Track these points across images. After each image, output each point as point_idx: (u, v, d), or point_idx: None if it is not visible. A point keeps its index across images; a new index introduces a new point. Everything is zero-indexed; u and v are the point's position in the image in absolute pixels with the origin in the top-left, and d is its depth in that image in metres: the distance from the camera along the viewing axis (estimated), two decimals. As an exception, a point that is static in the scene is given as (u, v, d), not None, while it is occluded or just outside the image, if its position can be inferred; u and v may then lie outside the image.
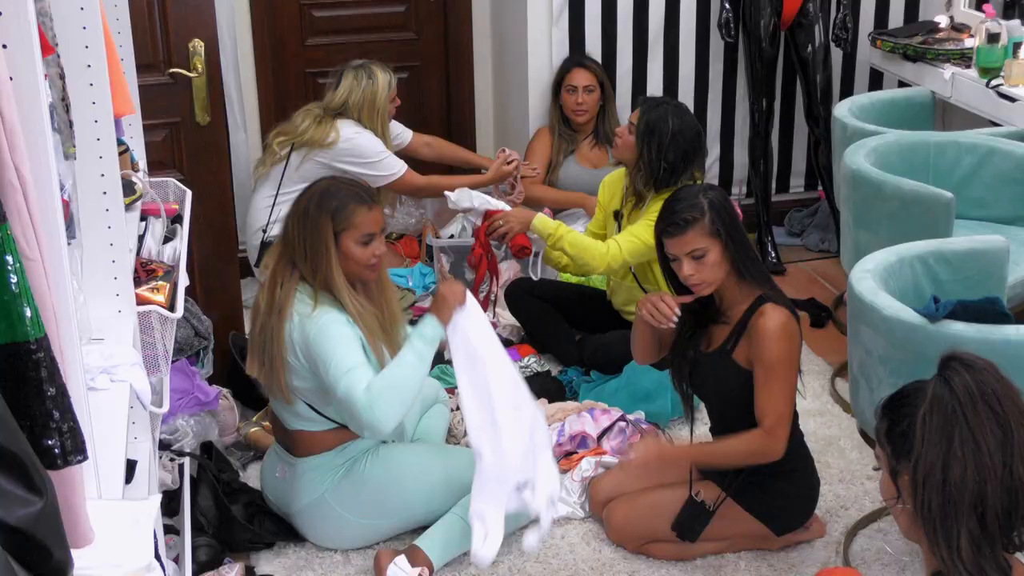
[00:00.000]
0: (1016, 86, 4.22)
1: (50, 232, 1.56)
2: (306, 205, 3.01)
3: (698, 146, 3.81)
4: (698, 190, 2.97)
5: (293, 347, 2.97)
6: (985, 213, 4.01)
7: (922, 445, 1.84)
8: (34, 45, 1.53)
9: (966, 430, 1.81)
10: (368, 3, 5.42)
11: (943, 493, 1.81)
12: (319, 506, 3.10)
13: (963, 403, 1.83)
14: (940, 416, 1.83)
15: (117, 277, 2.33)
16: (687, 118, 3.82)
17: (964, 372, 1.85)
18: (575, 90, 4.79)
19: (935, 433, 1.83)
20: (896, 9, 5.27)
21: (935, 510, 1.82)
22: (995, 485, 1.80)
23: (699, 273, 2.90)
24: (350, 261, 3.00)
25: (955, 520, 1.81)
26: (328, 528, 3.14)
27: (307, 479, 3.10)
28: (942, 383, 1.86)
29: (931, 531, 1.84)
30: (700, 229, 2.88)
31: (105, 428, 1.93)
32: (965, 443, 1.81)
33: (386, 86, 4.46)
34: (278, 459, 3.19)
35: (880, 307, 2.81)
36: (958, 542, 1.80)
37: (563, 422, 3.50)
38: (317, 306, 2.96)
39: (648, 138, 3.75)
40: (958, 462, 1.81)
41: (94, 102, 2.22)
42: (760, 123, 5.07)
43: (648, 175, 3.79)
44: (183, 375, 3.39)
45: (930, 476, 1.82)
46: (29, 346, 1.31)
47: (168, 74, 3.58)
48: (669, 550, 3.11)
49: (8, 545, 1.17)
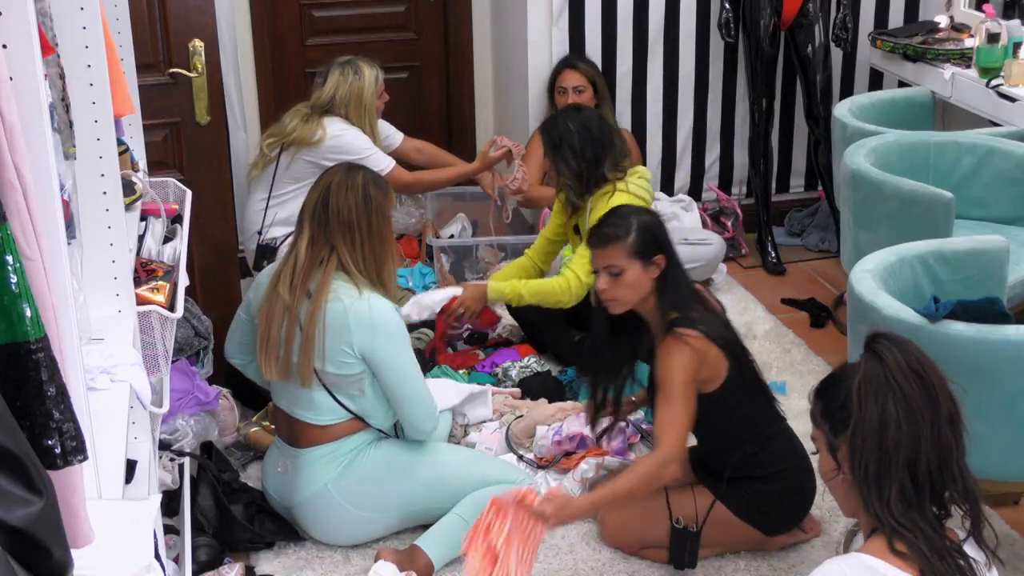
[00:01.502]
0: (1016, 86, 4.22)
1: (50, 232, 1.56)
2: (364, 184, 3.01)
3: (606, 129, 3.85)
4: (633, 211, 3.01)
5: (342, 336, 2.94)
6: (985, 213, 4.01)
7: (860, 412, 2.00)
8: (34, 45, 1.53)
9: (899, 393, 1.99)
10: (368, 3, 5.43)
11: (880, 451, 1.98)
12: (321, 498, 3.10)
13: (894, 371, 2.00)
14: (874, 384, 2.01)
15: (117, 277, 2.33)
16: (584, 112, 3.89)
17: (892, 346, 2.04)
18: (565, 92, 4.80)
19: (870, 398, 2.00)
20: (896, 9, 5.27)
21: (871, 469, 1.99)
22: (927, 443, 1.98)
23: (612, 289, 2.94)
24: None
25: (889, 477, 1.98)
26: (329, 521, 3.14)
27: (310, 470, 3.09)
28: (873, 357, 2.03)
29: (865, 490, 2.00)
30: (620, 248, 2.91)
31: (105, 428, 1.93)
32: (899, 404, 1.98)
33: (373, 81, 4.43)
34: (280, 454, 3.19)
35: (880, 307, 2.81)
36: (889, 495, 1.97)
37: (562, 422, 3.50)
38: (361, 291, 2.95)
39: (558, 152, 3.80)
40: (894, 422, 1.98)
41: (94, 102, 2.22)
42: (760, 123, 5.07)
43: (576, 182, 3.81)
44: (183, 375, 3.38)
45: (868, 438, 1.99)
46: (29, 346, 1.31)
47: (168, 74, 3.58)
48: (663, 555, 3.10)
49: (8, 545, 1.17)
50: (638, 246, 2.91)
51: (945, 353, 2.70)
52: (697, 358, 2.86)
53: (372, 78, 4.44)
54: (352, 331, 2.94)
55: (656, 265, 2.92)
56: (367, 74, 4.42)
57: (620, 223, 2.94)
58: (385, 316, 2.97)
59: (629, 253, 2.91)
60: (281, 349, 3.01)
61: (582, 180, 3.79)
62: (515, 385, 3.91)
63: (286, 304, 2.99)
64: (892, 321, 2.77)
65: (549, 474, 3.42)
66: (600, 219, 3.03)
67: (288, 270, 3.02)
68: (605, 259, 2.93)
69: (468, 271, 4.68)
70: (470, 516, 3.08)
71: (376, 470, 3.10)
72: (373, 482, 3.10)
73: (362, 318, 2.94)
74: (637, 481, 2.84)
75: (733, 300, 4.53)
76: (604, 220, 3.00)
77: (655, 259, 2.92)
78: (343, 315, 2.94)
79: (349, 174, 3.05)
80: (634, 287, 2.92)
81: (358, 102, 4.41)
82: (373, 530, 3.18)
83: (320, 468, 3.09)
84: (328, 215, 2.98)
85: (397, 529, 3.22)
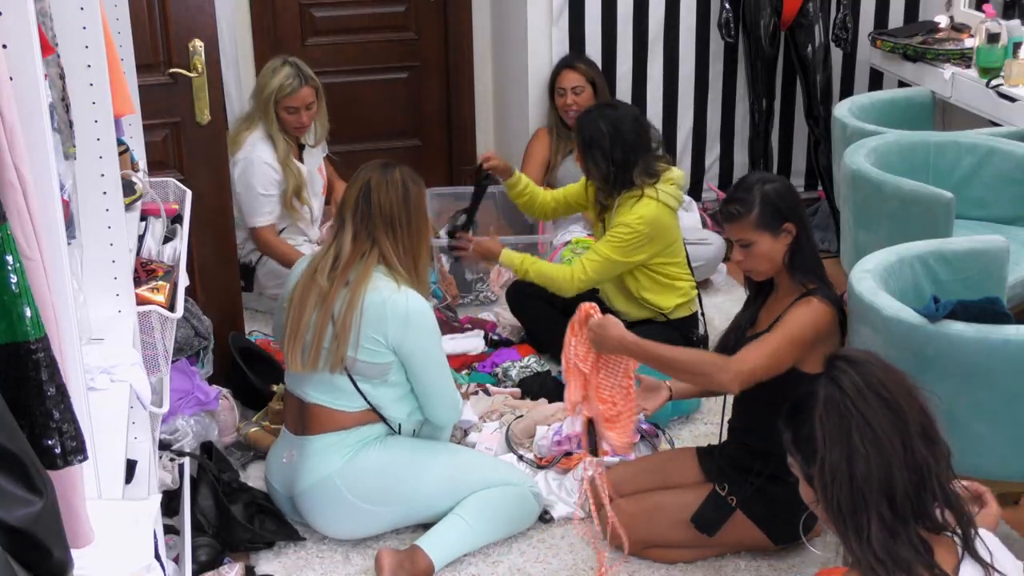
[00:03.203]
0: (1016, 86, 4.22)
1: (50, 232, 1.56)
2: (403, 180, 3.08)
3: (640, 132, 3.82)
4: (758, 180, 2.97)
5: (377, 326, 3.01)
6: (985, 213, 4.01)
7: (824, 447, 1.89)
8: (34, 45, 1.53)
9: (862, 422, 1.88)
10: (368, 3, 5.43)
11: (851, 488, 1.87)
12: (326, 486, 3.10)
13: (853, 398, 1.89)
14: (835, 415, 1.90)
15: (117, 277, 2.33)
16: (620, 112, 3.85)
17: (848, 368, 1.93)
18: (564, 92, 4.80)
19: (834, 432, 1.89)
20: (896, 9, 5.27)
21: (845, 505, 1.88)
22: (899, 466, 1.86)
23: (747, 261, 2.96)
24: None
25: (865, 510, 1.86)
26: (331, 511, 3.13)
27: (317, 458, 3.10)
28: (830, 384, 1.92)
29: (841, 526, 1.90)
30: (746, 222, 2.90)
31: (105, 428, 1.93)
32: (864, 435, 1.87)
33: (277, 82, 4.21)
34: (285, 446, 3.21)
35: (880, 307, 2.81)
36: (868, 531, 1.85)
37: (562, 422, 3.50)
38: (400, 284, 3.04)
39: (589, 152, 3.79)
40: (860, 456, 1.87)
41: (94, 102, 2.22)
42: (760, 123, 5.07)
43: (604, 183, 3.81)
44: (183, 375, 3.39)
45: (836, 474, 1.88)
46: (29, 346, 1.31)
47: (168, 74, 3.58)
48: (666, 555, 3.11)
49: (8, 545, 1.17)
50: (764, 219, 2.90)
51: (945, 353, 2.71)
52: (825, 329, 2.87)
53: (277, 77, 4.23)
54: (388, 322, 3.02)
55: (787, 232, 2.91)
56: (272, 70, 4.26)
57: (744, 197, 2.92)
58: (420, 311, 3.06)
59: (756, 226, 2.90)
60: (310, 335, 3.06)
61: (609, 182, 3.79)
62: (515, 385, 3.92)
63: (323, 292, 3.05)
64: (892, 321, 2.77)
65: (549, 474, 3.42)
66: (729, 191, 3.02)
67: (328, 261, 3.08)
68: (734, 233, 2.94)
69: (468, 271, 4.68)
70: (471, 518, 3.09)
71: (382, 463, 3.11)
72: (378, 475, 3.10)
73: (399, 311, 3.02)
74: (687, 357, 2.86)
75: (733, 300, 4.53)
76: (730, 193, 2.99)
77: (784, 227, 2.90)
78: (381, 306, 3.01)
79: (387, 170, 3.12)
80: (767, 257, 2.92)
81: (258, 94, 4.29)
82: (373, 524, 3.18)
83: (327, 456, 3.10)
84: (371, 209, 3.06)
85: (397, 526, 3.22)
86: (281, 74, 4.25)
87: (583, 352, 2.87)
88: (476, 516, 3.10)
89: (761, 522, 3.03)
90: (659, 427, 3.64)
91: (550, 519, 3.29)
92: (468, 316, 4.44)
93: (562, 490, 3.36)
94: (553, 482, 3.39)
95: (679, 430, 3.77)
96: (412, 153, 5.61)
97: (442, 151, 5.74)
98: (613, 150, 3.73)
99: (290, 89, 4.24)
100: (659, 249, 3.83)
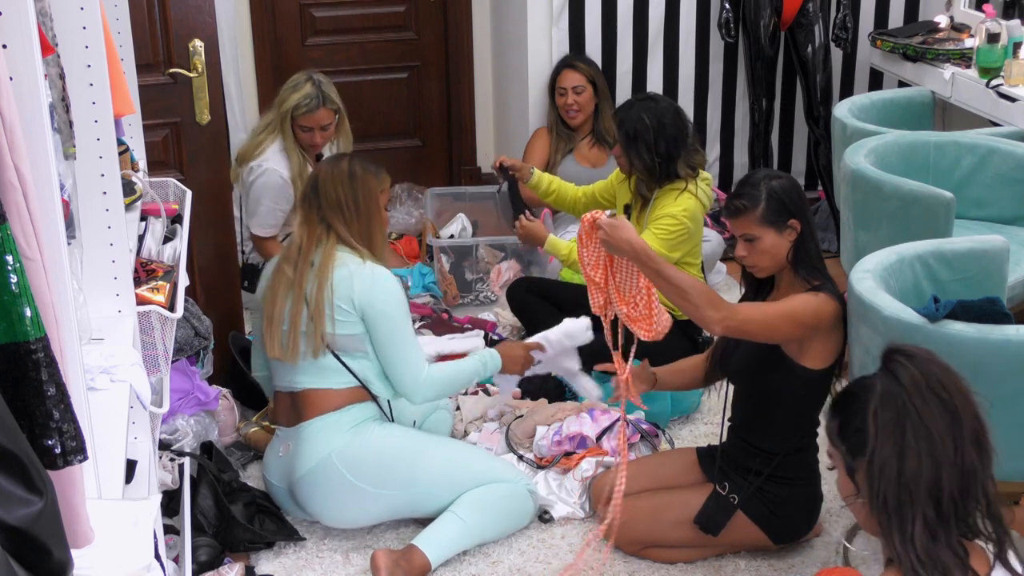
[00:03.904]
0: (1016, 86, 4.22)
1: (50, 232, 1.56)
2: (350, 167, 3.19)
3: (681, 125, 3.86)
4: (765, 176, 2.97)
5: (345, 294, 3.08)
6: (985, 213, 4.01)
7: (875, 440, 1.87)
8: (34, 45, 1.53)
9: (917, 420, 1.85)
10: (368, 3, 5.43)
11: (898, 484, 1.84)
12: (324, 468, 3.11)
13: (911, 394, 1.87)
14: (891, 409, 1.87)
15: (117, 277, 2.33)
16: (661, 105, 3.87)
17: (908, 363, 1.90)
18: (565, 92, 4.81)
19: (887, 427, 1.86)
20: (896, 9, 5.27)
21: (891, 502, 1.85)
22: (949, 470, 1.84)
23: (750, 256, 2.96)
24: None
25: (910, 509, 1.84)
26: (330, 494, 3.13)
27: (314, 441, 3.13)
28: (889, 377, 1.90)
29: (885, 522, 1.87)
30: (752, 217, 2.90)
31: (105, 428, 1.93)
32: (918, 433, 1.85)
33: (296, 99, 4.13)
34: (281, 440, 3.25)
35: (880, 307, 2.81)
36: (912, 530, 1.83)
37: (562, 422, 3.50)
38: (365, 260, 3.13)
39: (634, 145, 3.81)
40: (912, 453, 1.84)
41: (94, 102, 2.22)
42: (760, 123, 5.07)
43: (649, 177, 3.84)
44: (183, 375, 3.39)
45: (885, 469, 1.85)
46: (29, 346, 1.31)
47: (168, 74, 3.58)
48: (666, 555, 3.11)
49: (8, 545, 1.17)
50: (769, 215, 2.90)
51: (945, 353, 2.69)
52: (827, 321, 2.87)
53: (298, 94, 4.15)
54: (355, 288, 3.09)
55: (792, 229, 2.91)
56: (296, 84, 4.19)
57: (751, 192, 2.92)
58: (386, 277, 3.14)
59: (761, 222, 2.90)
60: (287, 324, 3.12)
61: (654, 175, 3.83)
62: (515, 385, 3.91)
63: (290, 280, 3.13)
64: (892, 321, 2.77)
65: (549, 474, 3.42)
66: (735, 186, 3.02)
67: (292, 251, 3.18)
68: (739, 228, 2.94)
69: (468, 271, 4.68)
70: (467, 515, 3.09)
71: (382, 446, 3.13)
72: (378, 455, 3.12)
73: (364, 278, 3.11)
74: (689, 282, 2.80)
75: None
76: (736, 188, 2.99)
77: (790, 223, 2.91)
78: (348, 277, 3.10)
79: (336, 161, 3.25)
80: (771, 253, 2.93)
81: (277, 107, 4.21)
82: (372, 509, 3.17)
83: (324, 436, 3.12)
84: (319, 199, 3.17)
85: (395, 515, 3.22)
86: (301, 92, 4.16)
87: (592, 260, 2.82)
88: (472, 514, 3.11)
89: (761, 522, 3.03)
90: (659, 427, 3.63)
91: (550, 519, 3.29)
92: (468, 316, 4.44)
93: (562, 490, 3.36)
94: (553, 482, 3.39)
95: (679, 430, 3.77)
96: (412, 153, 5.62)
97: (442, 151, 5.74)
98: (657, 143, 3.78)
99: (306, 109, 4.15)
100: (691, 248, 3.90)
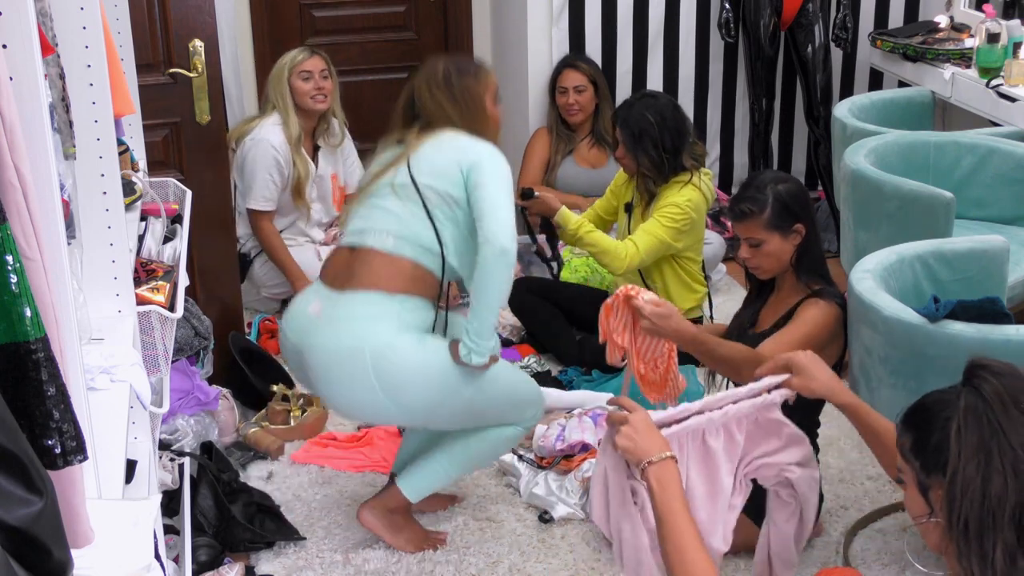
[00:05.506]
0: (1016, 86, 4.22)
1: (50, 232, 1.56)
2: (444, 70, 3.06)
3: (681, 118, 3.90)
4: (770, 179, 2.98)
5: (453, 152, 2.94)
6: (985, 213, 4.02)
7: (959, 459, 1.76)
8: (34, 45, 1.53)
9: (1004, 440, 1.75)
10: (368, 3, 5.43)
11: (982, 507, 1.74)
12: (352, 357, 2.87)
13: (996, 411, 1.76)
14: (976, 428, 1.76)
15: (117, 277, 2.33)
16: (660, 101, 3.90)
17: (992, 379, 1.79)
18: (566, 92, 4.81)
19: (972, 446, 1.76)
20: (896, 9, 5.27)
21: (972, 525, 1.75)
22: None
23: (754, 259, 2.97)
24: None
25: (992, 533, 1.74)
26: (345, 383, 2.92)
27: (353, 323, 2.89)
28: (973, 392, 1.79)
29: (964, 545, 1.76)
30: (758, 222, 2.91)
31: (105, 428, 1.93)
32: (1004, 454, 1.74)
33: (290, 55, 4.41)
34: (316, 295, 3.01)
35: (880, 307, 2.81)
36: (993, 555, 1.73)
37: (563, 427, 3.50)
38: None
39: (640, 144, 3.83)
40: (998, 474, 1.74)
41: (94, 102, 2.22)
42: (760, 123, 5.07)
43: (657, 173, 3.87)
44: (183, 375, 3.39)
45: (968, 490, 1.75)
46: (29, 346, 1.31)
47: (168, 74, 3.58)
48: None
49: (8, 545, 1.17)
50: (775, 219, 2.91)
51: (945, 353, 2.71)
52: (830, 329, 2.89)
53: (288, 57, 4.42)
54: (465, 152, 2.94)
55: (797, 233, 2.92)
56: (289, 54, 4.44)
57: (757, 196, 2.92)
58: (494, 152, 2.96)
59: (767, 226, 2.91)
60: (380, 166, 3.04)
61: (662, 171, 3.85)
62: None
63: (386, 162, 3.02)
64: (892, 321, 2.77)
65: (549, 474, 3.42)
66: (740, 187, 3.04)
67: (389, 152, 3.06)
68: (744, 232, 2.95)
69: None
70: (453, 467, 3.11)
71: (419, 364, 2.90)
72: (412, 373, 2.89)
73: (475, 146, 2.95)
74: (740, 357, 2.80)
75: (733, 300, 4.53)
76: (741, 192, 3.00)
77: (795, 228, 2.92)
78: (458, 143, 2.96)
79: (430, 68, 3.09)
80: (775, 256, 2.94)
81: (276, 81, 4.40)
82: (379, 415, 3.11)
83: (365, 326, 2.88)
84: (416, 108, 3.06)
85: (394, 424, 3.25)
86: (293, 51, 4.44)
87: (620, 327, 2.80)
88: (460, 464, 3.13)
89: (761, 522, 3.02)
90: (659, 427, 3.63)
91: (550, 519, 3.29)
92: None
93: (562, 491, 3.35)
94: (553, 483, 3.38)
95: (679, 430, 3.76)
96: (412, 153, 5.61)
97: (442, 151, 5.74)
98: (663, 138, 3.81)
99: (302, 57, 4.39)
100: (694, 241, 3.92)
